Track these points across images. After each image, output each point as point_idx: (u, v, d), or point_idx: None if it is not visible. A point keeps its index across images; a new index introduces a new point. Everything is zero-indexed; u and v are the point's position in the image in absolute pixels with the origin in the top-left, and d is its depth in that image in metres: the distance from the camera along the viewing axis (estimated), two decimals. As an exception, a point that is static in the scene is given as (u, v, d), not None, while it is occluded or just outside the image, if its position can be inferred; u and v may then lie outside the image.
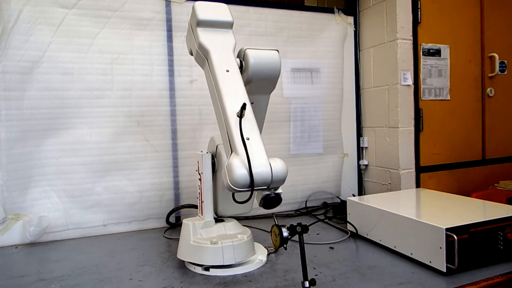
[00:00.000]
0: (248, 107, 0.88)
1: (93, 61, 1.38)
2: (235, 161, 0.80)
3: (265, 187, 0.82)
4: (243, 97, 0.90)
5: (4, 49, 1.25)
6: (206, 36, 0.98)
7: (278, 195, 0.84)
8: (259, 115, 1.04)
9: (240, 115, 0.85)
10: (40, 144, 1.33)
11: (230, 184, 0.80)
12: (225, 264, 1.00)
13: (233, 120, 0.86)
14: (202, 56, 0.99)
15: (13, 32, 1.25)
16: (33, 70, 1.30)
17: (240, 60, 1.00)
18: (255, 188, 0.80)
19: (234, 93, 0.90)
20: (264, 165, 0.81)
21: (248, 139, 0.84)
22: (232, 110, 0.87)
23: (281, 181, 0.83)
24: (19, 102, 1.29)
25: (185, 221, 1.09)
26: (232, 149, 0.85)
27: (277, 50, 1.01)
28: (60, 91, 1.34)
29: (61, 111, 1.35)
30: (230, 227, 1.11)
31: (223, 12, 1.02)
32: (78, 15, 1.35)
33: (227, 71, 0.93)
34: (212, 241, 1.01)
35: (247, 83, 0.98)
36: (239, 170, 0.79)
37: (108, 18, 1.39)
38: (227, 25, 1.02)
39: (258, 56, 0.98)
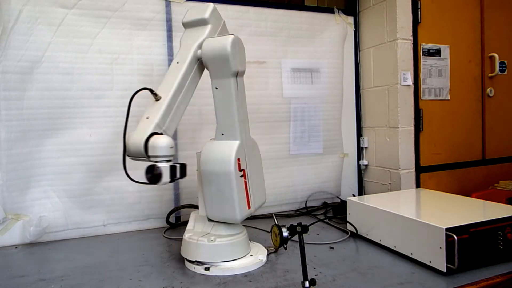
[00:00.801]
0: (166, 93, 1.00)
1: (93, 61, 1.38)
2: (131, 134, 0.96)
3: (144, 157, 0.92)
4: (171, 84, 1.01)
5: (4, 49, 1.25)
6: (183, 36, 1.11)
7: (151, 166, 0.90)
8: (228, 101, 1.07)
9: (133, 96, 1.01)
10: (40, 144, 1.33)
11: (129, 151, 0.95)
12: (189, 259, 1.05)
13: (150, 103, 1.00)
14: None
15: (13, 32, 1.25)
16: (33, 70, 1.30)
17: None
18: (136, 156, 0.94)
19: (169, 81, 1.02)
20: (141, 137, 0.92)
21: (147, 118, 0.97)
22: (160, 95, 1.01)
23: (154, 150, 0.91)
24: (19, 102, 1.29)
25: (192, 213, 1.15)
26: None
27: (233, 34, 1.06)
28: (60, 91, 1.34)
29: (61, 111, 1.35)
30: (219, 227, 1.10)
31: (201, 11, 1.10)
32: (78, 15, 1.35)
33: (178, 63, 1.05)
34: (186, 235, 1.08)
35: (207, 69, 1.08)
36: (129, 140, 0.95)
37: (108, 18, 1.39)
38: (202, 22, 1.09)
39: (208, 43, 1.05)
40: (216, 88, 1.07)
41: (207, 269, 1.02)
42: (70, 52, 1.35)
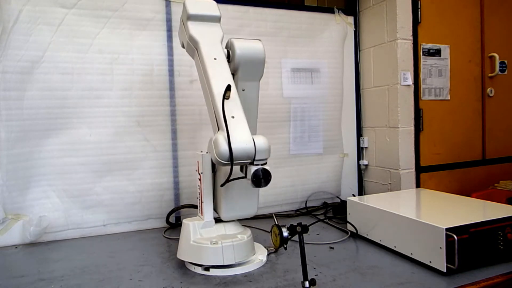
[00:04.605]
0: (233, 89, 0.95)
1: (93, 61, 1.38)
2: (219, 137, 0.87)
3: (249, 160, 0.88)
4: (229, 80, 0.97)
5: (4, 49, 1.25)
6: (195, 29, 1.07)
7: (266, 170, 0.87)
8: (252, 103, 1.12)
9: (224, 95, 0.92)
10: (40, 144, 1.33)
11: (217, 157, 0.86)
12: (225, 264, 1.00)
13: (219, 101, 0.92)
14: (192, 47, 1.08)
15: (13, 32, 1.25)
16: (33, 70, 1.30)
17: (228, 50, 1.08)
18: (239, 161, 0.87)
19: (220, 77, 0.98)
20: (247, 139, 0.87)
21: (233, 117, 0.91)
22: (218, 91, 0.94)
23: (264, 153, 0.88)
24: (19, 102, 1.29)
25: (185, 221, 1.09)
26: (218, 127, 0.91)
27: (260, 40, 1.10)
28: (60, 91, 1.34)
29: (61, 111, 1.35)
30: (230, 227, 1.11)
31: (211, 7, 1.10)
32: (78, 15, 1.35)
33: (215, 59, 1.02)
34: (212, 241, 1.01)
35: (235, 70, 1.08)
36: (223, 145, 0.85)
37: (108, 18, 1.39)
38: (215, 19, 1.10)
39: (243, 44, 1.07)
40: (243, 90, 1.08)
41: (207, 269, 1.02)
42: (70, 52, 1.35)
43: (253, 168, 0.87)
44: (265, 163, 0.89)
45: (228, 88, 0.92)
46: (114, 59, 1.41)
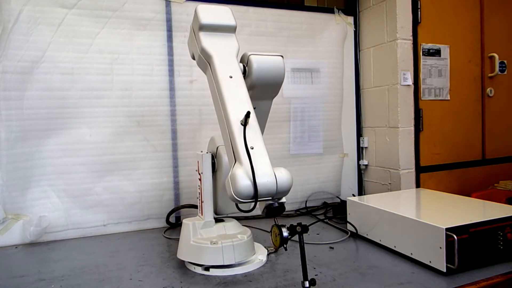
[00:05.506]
0: (252, 115, 0.87)
1: (93, 61, 1.38)
2: (239, 172, 0.80)
3: (270, 197, 0.82)
4: (247, 104, 0.89)
5: (4, 49, 1.25)
6: (208, 41, 0.97)
7: (282, 204, 0.84)
8: (261, 121, 1.02)
9: (245, 123, 0.84)
10: (40, 144, 1.33)
11: (234, 195, 0.79)
12: (225, 264, 1.00)
13: (237, 128, 0.85)
14: (204, 61, 0.99)
15: (13, 32, 1.25)
16: (33, 70, 1.30)
17: (244, 66, 0.99)
18: (259, 199, 0.80)
19: (238, 100, 0.90)
20: (269, 176, 0.81)
21: (252, 148, 0.83)
22: (235, 117, 0.86)
23: (286, 192, 0.83)
24: (19, 102, 1.29)
25: (185, 221, 1.09)
26: (235, 158, 0.84)
27: (282, 56, 1.00)
28: (60, 91, 1.34)
29: (61, 111, 1.35)
30: (230, 227, 1.11)
31: (226, 16, 1.01)
32: (78, 15, 1.35)
33: (230, 77, 0.93)
34: (212, 241, 1.02)
35: (250, 88, 0.98)
36: (243, 181, 0.78)
37: (108, 18, 1.39)
38: (230, 29, 1.01)
39: (262, 62, 0.97)
40: (254, 108, 0.94)
41: (207, 269, 1.02)
42: (70, 52, 1.35)
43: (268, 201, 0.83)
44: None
45: (248, 115, 0.84)
46: (114, 59, 1.41)
